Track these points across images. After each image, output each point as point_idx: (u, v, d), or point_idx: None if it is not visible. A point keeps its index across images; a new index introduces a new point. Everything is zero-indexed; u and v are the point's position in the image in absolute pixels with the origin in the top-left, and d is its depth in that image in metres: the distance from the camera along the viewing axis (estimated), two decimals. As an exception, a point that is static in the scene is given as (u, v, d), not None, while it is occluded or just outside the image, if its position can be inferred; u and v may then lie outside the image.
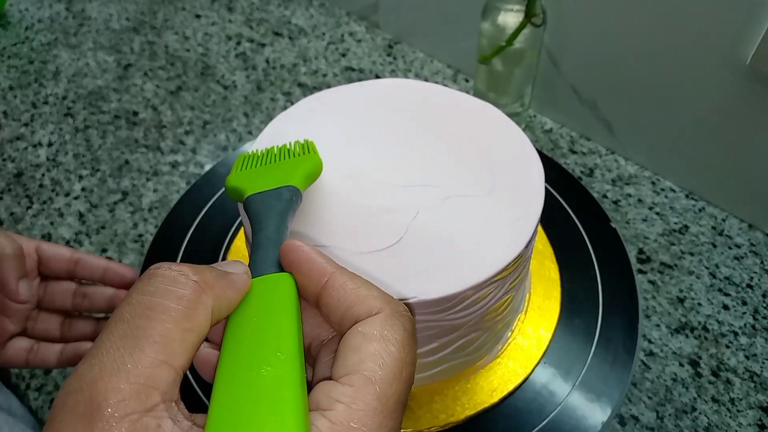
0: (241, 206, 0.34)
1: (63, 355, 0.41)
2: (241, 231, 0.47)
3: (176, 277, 0.20)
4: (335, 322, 0.22)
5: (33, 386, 0.47)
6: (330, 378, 0.21)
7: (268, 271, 0.23)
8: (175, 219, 0.49)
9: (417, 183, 0.35)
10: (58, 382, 0.48)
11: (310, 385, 0.21)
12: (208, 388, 0.22)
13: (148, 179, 0.62)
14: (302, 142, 0.34)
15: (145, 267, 0.44)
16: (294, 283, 0.23)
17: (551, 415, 0.38)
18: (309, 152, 0.33)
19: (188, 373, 0.38)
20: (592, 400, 0.38)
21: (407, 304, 0.29)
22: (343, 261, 0.31)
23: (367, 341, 0.21)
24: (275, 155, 0.32)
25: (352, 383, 0.20)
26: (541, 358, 0.40)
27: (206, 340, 0.22)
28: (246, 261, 0.24)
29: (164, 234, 0.47)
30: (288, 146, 0.33)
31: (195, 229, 0.47)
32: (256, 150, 0.34)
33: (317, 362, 0.23)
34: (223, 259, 0.45)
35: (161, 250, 0.46)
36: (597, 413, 0.38)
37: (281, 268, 0.24)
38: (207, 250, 0.45)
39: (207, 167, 0.63)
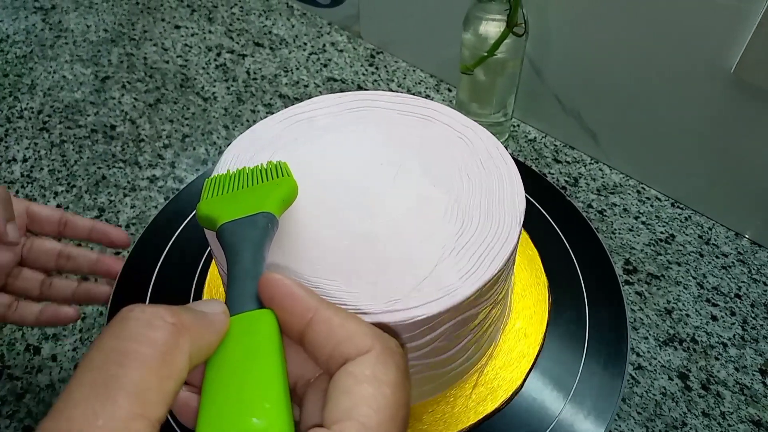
0: (210, 235, 0.32)
1: (42, 315, 0.42)
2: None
3: (150, 320, 0.19)
4: (322, 361, 0.21)
5: (4, 413, 0.46)
6: (320, 425, 0.19)
7: (247, 308, 0.22)
8: (151, 237, 0.47)
9: (387, 205, 0.33)
10: (31, 409, 0.46)
11: (298, 429, 0.20)
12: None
13: (125, 195, 0.61)
14: (275, 162, 0.33)
15: (117, 288, 0.43)
16: (275, 320, 0.22)
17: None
18: (283, 174, 0.31)
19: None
20: (583, 417, 0.37)
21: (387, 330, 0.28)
22: (314, 288, 0.30)
23: (358, 383, 0.20)
24: (247, 177, 0.31)
25: (346, 431, 0.19)
26: (526, 377, 0.39)
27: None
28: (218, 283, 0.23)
29: (139, 253, 0.46)
30: (260, 167, 0.32)
31: (170, 247, 0.46)
32: (228, 171, 0.32)
33: (305, 403, 0.22)
34: (201, 278, 0.43)
35: (135, 270, 0.44)
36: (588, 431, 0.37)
37: (260, 304, 0.22)
38: (183, 272, 0.44)
39: (186, 182, 0.62)
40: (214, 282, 0.43)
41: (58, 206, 0.60)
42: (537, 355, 0.40)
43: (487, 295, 0.32)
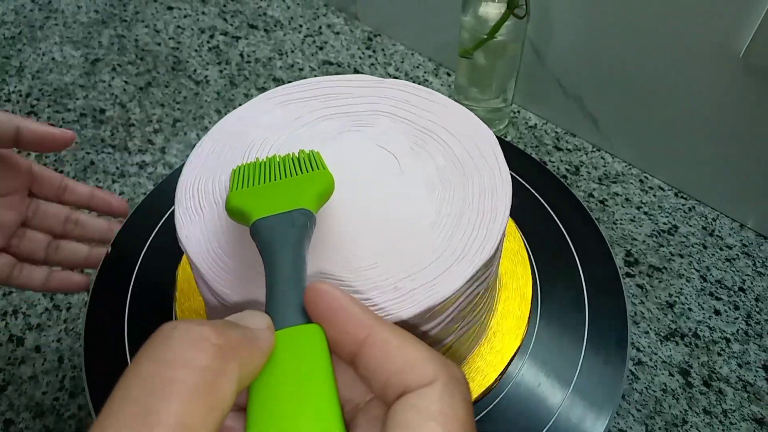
0: (188, 239, 0.30)
1: (50, 281, 0.41)
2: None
3: (195, 342, 0.17)
4: (377, 387, 0.19)
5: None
6: None
7: (292, 322, 0.20)
8: (136, 223, 0.46)
9: (368, 194, 0.32)
10: (12, 401, 0.45)
11: None
12: None
13: (114, 181, 0.59)
14: (307, 152, 0.31)
15: (99, 276, 0.41)
16: (324, 337, 0.20)
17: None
18: (317, 166, 0.29)
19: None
20: (583, 411, 0.36)
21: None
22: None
23: (424, 421, 0.17)
24: (278, 167, 0.29)
25: None
26: (519, 371, 0.38)
27: None
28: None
29: (124, 238, 0.44)
30: (292, 156, 0.30)
31: (156, 234, 0.44)
32: (257, 159, 0.31)
33: (354, 430, 0.20)
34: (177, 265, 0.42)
35: (119, 257, 0.43)
36: (589, 428, 0.36)
37: (306, 317, 0.20)
38: (168, 261, 0.43)
39: (176, 168, 0.60)
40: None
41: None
42: (529, 353, 0.39)
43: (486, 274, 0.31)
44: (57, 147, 0.40)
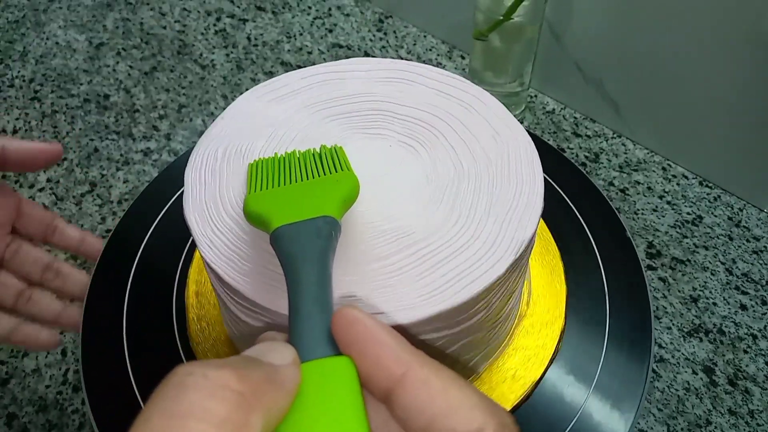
0: (203, 235, 0.28)
1: (18, 333, 0.37)
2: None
3: (215, 390, 0.15)
4: (415, 430, 0.17)
5: (-13, 398, 0.44)
6: None
7: (320, 353, 0.18)
8: (137, 213, 0.44)
9: (392, 196, 0.30)
10: (15, 394, 0.44)
11: None
12: None
13: (118, 168, 0.58)
14: (329, 147, 0.28)
15: (98, 270, 0.40)
16: (355, 372, 0.18)
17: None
18: (341, 165, 0.27)
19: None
20: (608, 409, 0.35)
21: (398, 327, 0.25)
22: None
23: None
24: (298, 164, 0.27)
25: None
26: (546, 370, 0.36)
27: None
28: None
29: (125, 228, 0.43)
30: (313, 152, 0.28)
31: (157, 225, 0.43)
32: (275, 155, 0.28)
33: None
34: (186, 260, 0.40)
35: (117, 249, 0.41)
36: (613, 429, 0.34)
37: (334, 347, 0.18)
38: (170, 251, 0.41)
39: (181, 155, 0.58)
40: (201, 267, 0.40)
41: (48, 180, 0.57)
42: (554, 350, 0.37)
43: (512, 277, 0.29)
44: (45, 162, 0.37)
